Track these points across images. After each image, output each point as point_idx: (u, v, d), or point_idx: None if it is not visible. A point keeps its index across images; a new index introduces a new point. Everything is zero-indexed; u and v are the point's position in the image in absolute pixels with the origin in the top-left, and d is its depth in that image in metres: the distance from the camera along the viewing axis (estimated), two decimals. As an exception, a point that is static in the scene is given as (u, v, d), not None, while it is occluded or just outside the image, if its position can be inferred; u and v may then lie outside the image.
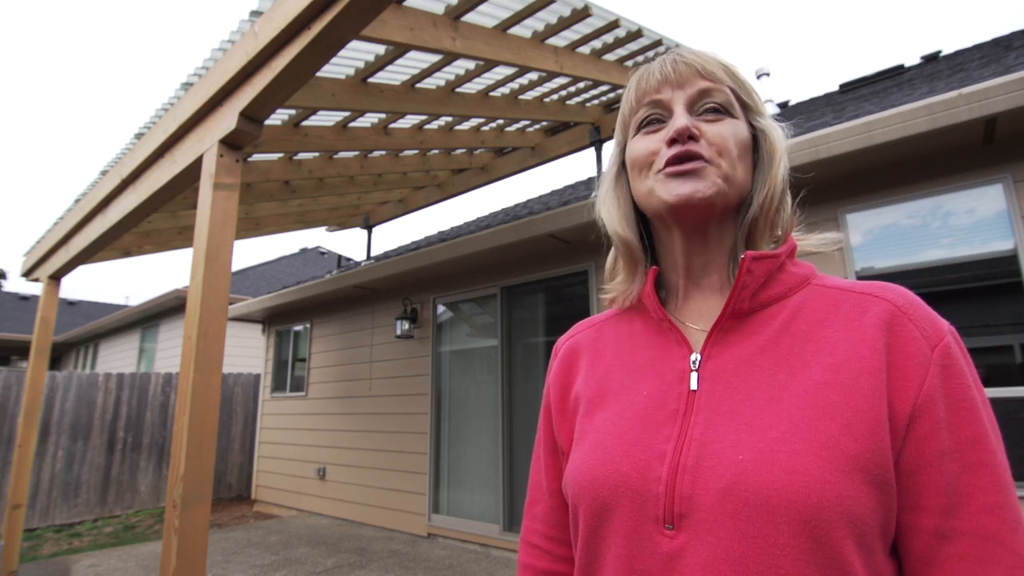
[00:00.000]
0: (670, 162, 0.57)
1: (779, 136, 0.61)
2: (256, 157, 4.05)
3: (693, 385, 0.56)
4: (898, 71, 5.55)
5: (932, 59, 5.50)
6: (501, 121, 4.37)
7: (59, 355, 16.57)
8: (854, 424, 0.47)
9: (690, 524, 0.49)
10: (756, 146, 0.61)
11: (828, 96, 5.99)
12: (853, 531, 0.45)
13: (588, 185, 6.38)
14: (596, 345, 0.69)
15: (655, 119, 0.62)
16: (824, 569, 0.44)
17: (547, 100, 4.06)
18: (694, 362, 0.57)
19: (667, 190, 0.57)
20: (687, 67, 0.60)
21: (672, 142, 0.58)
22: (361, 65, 3.08)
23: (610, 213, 0.68)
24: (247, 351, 10.31)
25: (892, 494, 0.47)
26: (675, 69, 0.60)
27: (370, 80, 3.26)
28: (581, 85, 3.92)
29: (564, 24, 3.03)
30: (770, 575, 0.45)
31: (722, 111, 0.59)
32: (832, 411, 0.48)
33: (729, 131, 0.58)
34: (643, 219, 0.68)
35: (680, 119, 0.58)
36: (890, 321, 0.51)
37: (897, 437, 0.48)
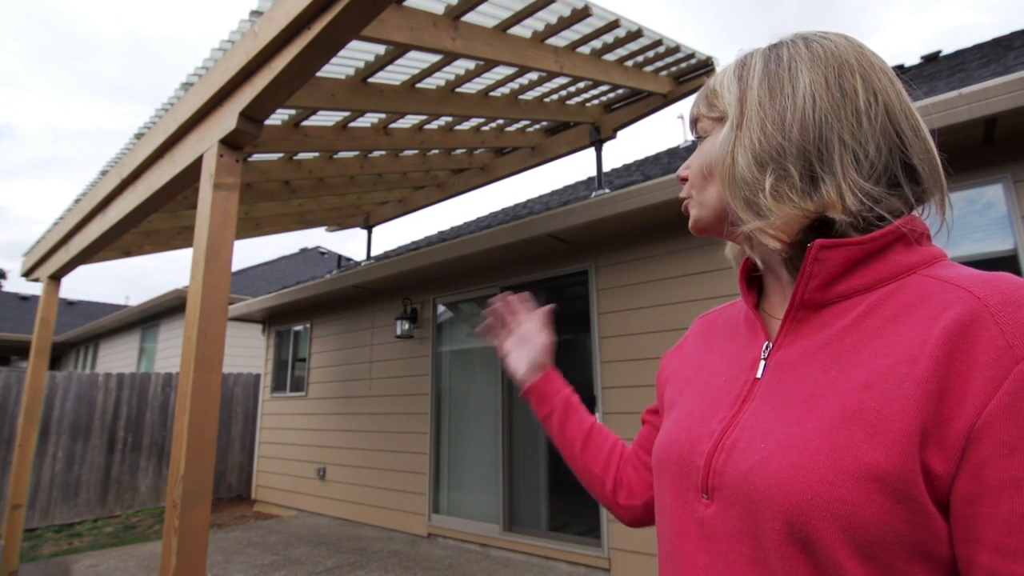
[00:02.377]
0: None
1: (721, 137, 0.59)
2: (256, 157, 4.05)
3: (759, 373, 0.58)
4: (898, 71, 5.54)
5: (932, 59, 5.50)
6: (501, 121, 4.37)
7: (59, 355, 16.57)
8: (880, 433, 0.44)
9: (720, 497, 0.53)
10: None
11: (828, 96, 5.98)
12: (850, 537, 0.43)
13: (588, 185, 6.37)
14: (709, 328, 0.74)
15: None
16: (819, 568, 0.45)
17: (547, 100, 4.06)
18: (765, 350, 0.59)
19: None
20: (695, 104, 0.67)
21: None
22: (361, 65, 3.08)
23: None
24: (247, 351, 10.31)
25: (925, 514, 0.43)
26: (692, 108, 0.68)
27: (370, 80, 3.26)
28: (581, 85, 3.92)
29: (564, 24, 3.03)
30: (775, 555, 0.47)
31: (704, 137, 0.65)
32: (862, 416, 0.46)
33: (695, 158, 0.65)
34: None
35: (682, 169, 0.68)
36: (969, 324, 0.44)
37: (950, 458, 0.42)
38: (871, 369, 0.48)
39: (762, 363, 0.58)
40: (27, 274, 5.20)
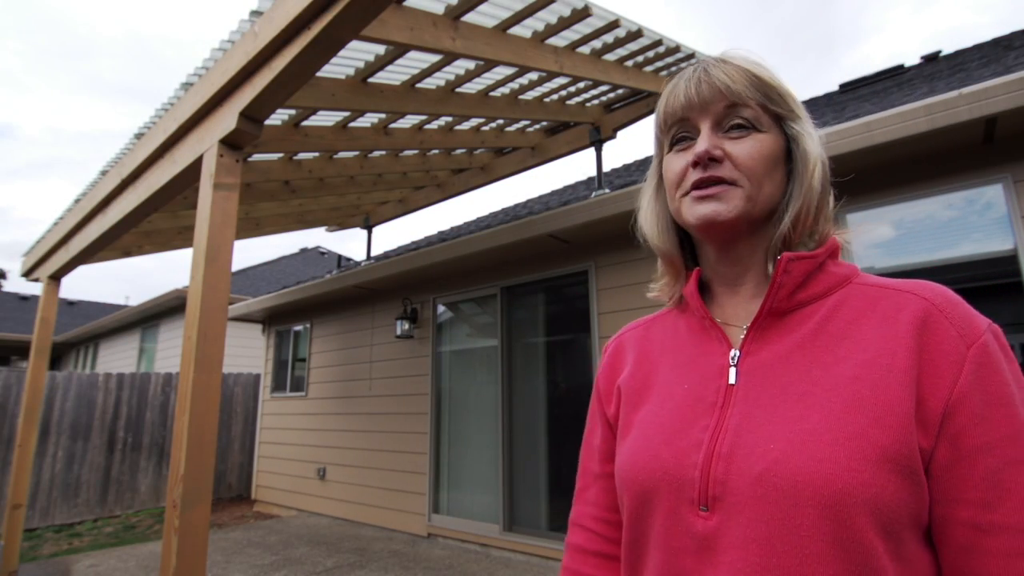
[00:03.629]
0: (695, 185, 0.61)
1: (813, 142, 0.61)
2: (256, 157, 4.05)
3: (731, 379, 0.59)
4: (898, 71, 5.55)
5: (932, 59, 5.50)
6: (501, 121, 4.37)
7: (59, 355, 16.57)
8: (882, 417, 0.49)
9: (723, 506, 0.52)
10: (792, 154, 0.62)
11: (828, 96, 5.99)
12: (877, 518, 0.47)
13: (588, 185, 6.37)
14: (642, 343, 0.73)
15: (684, 136, 0.64)
16: (847, 552, 0.47)
17: (547, 100, 4.06)
18: (733, 358, 0.60)
19: (692, 212, 0.61)
20: (711, 88, 0.61)
21: (695, 164, 0.60)
22: (361, 65, 3.08)
23: (650, 228, 0.71)
24: (247, 351, 10.31)
25: (922, 485, 0.49)
26: (699, 91, 0.61)
27: (370, 80, 3.25)
28: (581, 85, 3.92)
29: (564, 24, 3.03)
30: (795, 555, 0.48)
31: (748, 126, 0.60)
32: (861, 405, 0.50)
33: (754, 148, 0.59)
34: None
35: (701, 143, 0.60)
36: (925, 319, 0.52)
37: (930, 434, 0.49)
38: (854, 363, 0.53)
39: (732, 370, 0.59)
40: (27, 274, 5.20)
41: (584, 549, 0.73)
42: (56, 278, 4.73)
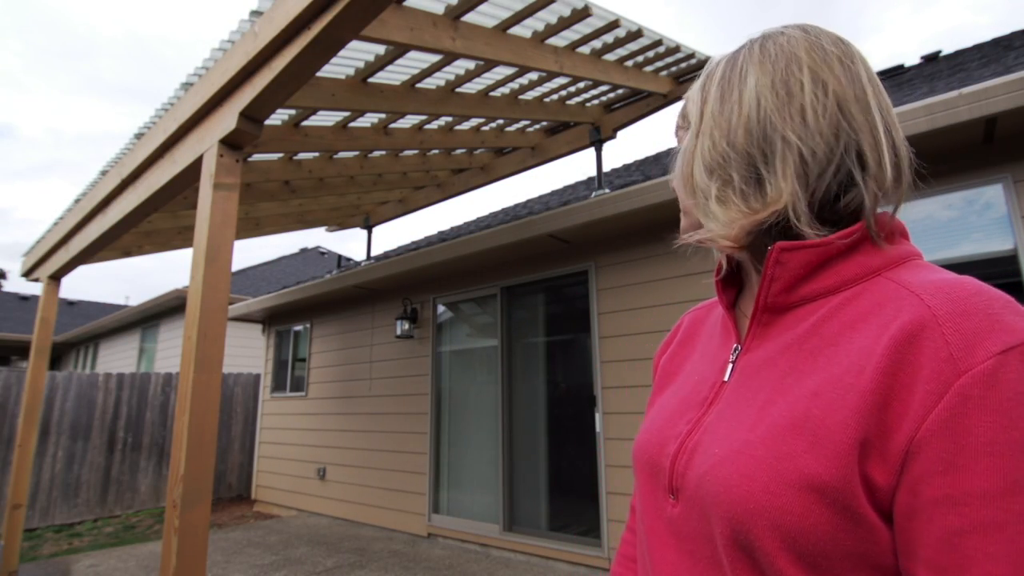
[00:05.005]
0: None
1: (685, 141, 0.63)
2: (256, 157, 4.05)
3: (726, 376, 0.58)
4: (898, 71, 5.55)
5: (932, 59, 5.49)
6: (501, 121, 4.37)
7: (59, 355, 16.57)
8: (821, 443, 0.44)
9: (682, 499, 0.53)
10: None
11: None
12: (789, 545, 0.44)
13: (588, 185, 6.37)
14: (695, 325, 0.73)
15: None
16: (762, 573, 0.46)
17: (547, 100, 4.06)
18: (734, 353, 0.59)
19: None
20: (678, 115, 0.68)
21: None
22: (361, 65, 3.08)
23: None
24: (247, 351, 10.31)
25: (863, 523, 0.42)
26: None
27: (370, 80, 3.26)
28: (581, 85, 3.92)
29: (564, 24, 3.03)
30: (724, 559, 0.48)
31: None
32: (807, 425, 0.45)
33: (674, 170, 0.64)
34: None
35: None
36: (915, 334, 0.43)
37: (891, 471, 0.42)
38: (823, 377, 0.47)
39: (730, 366, 0.58)
40: (27, 274, 5.20)
41: (621, 553, 0.78)
42: (56, 278, 4.73)
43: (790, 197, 0.50)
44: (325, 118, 3.67)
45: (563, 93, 4.01)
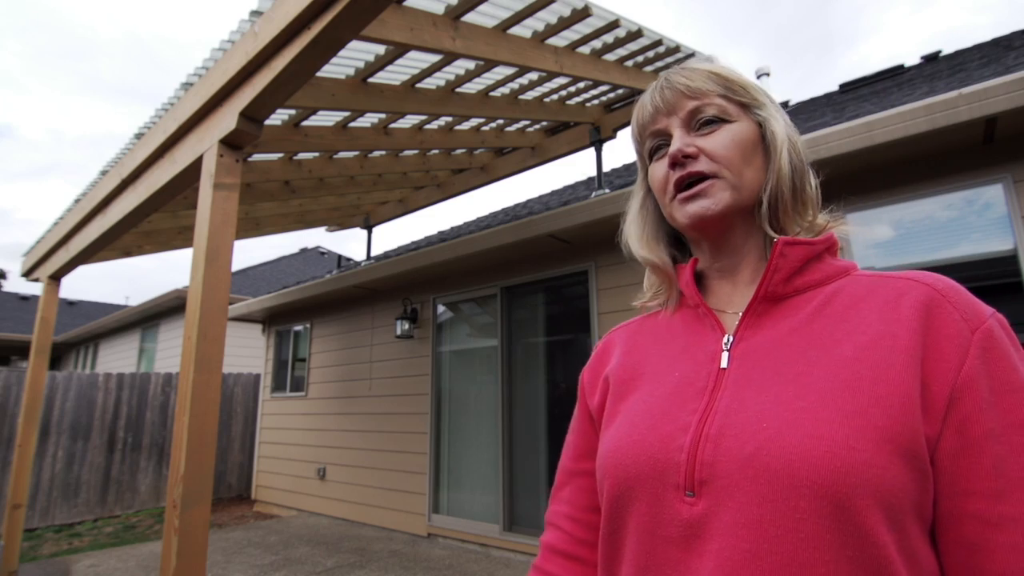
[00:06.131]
0: (677, 186, 0.62)
1: (779, 125, 0.63)
2: (256, 157, 4.05)
3: (723, 364, 0.57)
4: (898, 71, 5.55)
5: (932, 59, 5.50)
6: (501, 121, 4.37)
7: (59, 355, 16.57)
8: (884, 398, 0.47)
9: (711, 490, 0.50)
10: (765, 139, 0.64)
11: (828, 96, 5.99)
12: (880, 502, 0.44)
13: (588, 185, 6.37)
14: (634, 337, 0.72)
15: (661, 145, 0.66)
16: (847, 537, 0.44)
17: (547, 100, 4.06)
18: (726, 343, 0.59)
19: (682, 213, 0.62)
20: (673, 92, 0.64)
21: (672, 165, 0.62)
22: (361, 65, 3.08)
23: (634, 241, 0.72)
24: (247, 351, 10.31)
25: (927, 475, 0.46)
26: (663, 97, 0.64)
27: (370, 80, 3.25)
28: (581, 85, 3.92)
29: (564, 24, 3.03)
30: (790, 539, 0.45)
31: (717, 120, 0.62)
32: (862, 385, 0.48)
33: (726, 138, 0.61)
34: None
35: (674, 144, 0.62)
36: (928, 304, 0.51)
37: (936, 420, 0.47)
38: (854, 344, 0.51)
39: (725, 354, 0.58)
40: (27, 274, 5.20)
41: (554, 548, 0.71)
42: (56, 278, 4.73)
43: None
44: (325, 118, 3.67)
45: (563, 93, 4.01)
